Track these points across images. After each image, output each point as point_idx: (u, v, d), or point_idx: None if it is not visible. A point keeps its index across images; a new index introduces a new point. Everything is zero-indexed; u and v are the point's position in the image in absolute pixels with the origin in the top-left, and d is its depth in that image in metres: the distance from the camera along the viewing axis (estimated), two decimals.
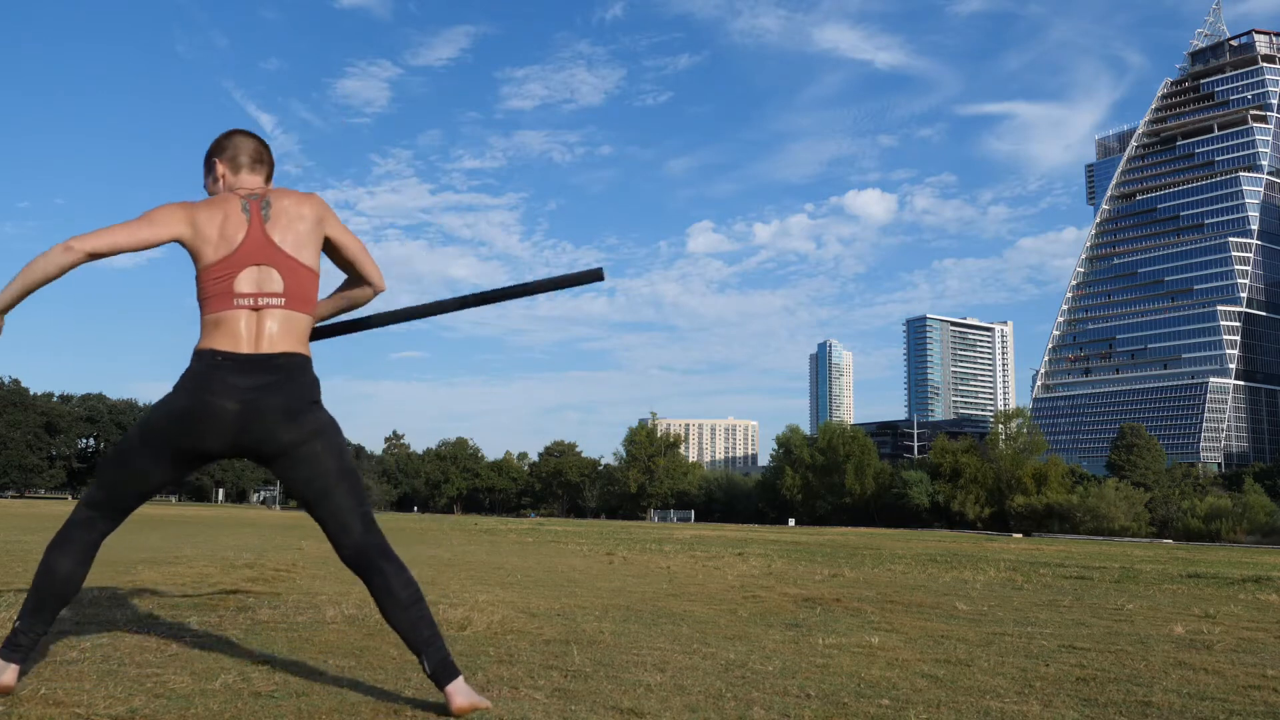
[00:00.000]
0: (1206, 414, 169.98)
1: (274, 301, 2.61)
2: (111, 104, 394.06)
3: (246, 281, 2.60)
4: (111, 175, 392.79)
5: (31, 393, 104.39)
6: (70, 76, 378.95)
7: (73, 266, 2.52)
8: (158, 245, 2.60)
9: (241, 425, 2.54)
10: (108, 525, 2.69)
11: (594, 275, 3.13)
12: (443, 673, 2.62)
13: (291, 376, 2.60)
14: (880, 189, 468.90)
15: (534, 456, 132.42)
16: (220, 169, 2.82)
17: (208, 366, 2.54)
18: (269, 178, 2.89)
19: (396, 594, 2.64)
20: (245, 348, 2.56)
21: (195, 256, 2.62)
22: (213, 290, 2.59)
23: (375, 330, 3.17)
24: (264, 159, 2.86)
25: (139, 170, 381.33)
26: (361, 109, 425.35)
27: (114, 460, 2.68)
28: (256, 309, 2.59)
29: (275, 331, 2.60)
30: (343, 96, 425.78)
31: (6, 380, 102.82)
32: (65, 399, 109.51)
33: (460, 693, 2.60)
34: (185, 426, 2.55)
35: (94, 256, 2.53)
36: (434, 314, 3.13)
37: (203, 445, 2.57)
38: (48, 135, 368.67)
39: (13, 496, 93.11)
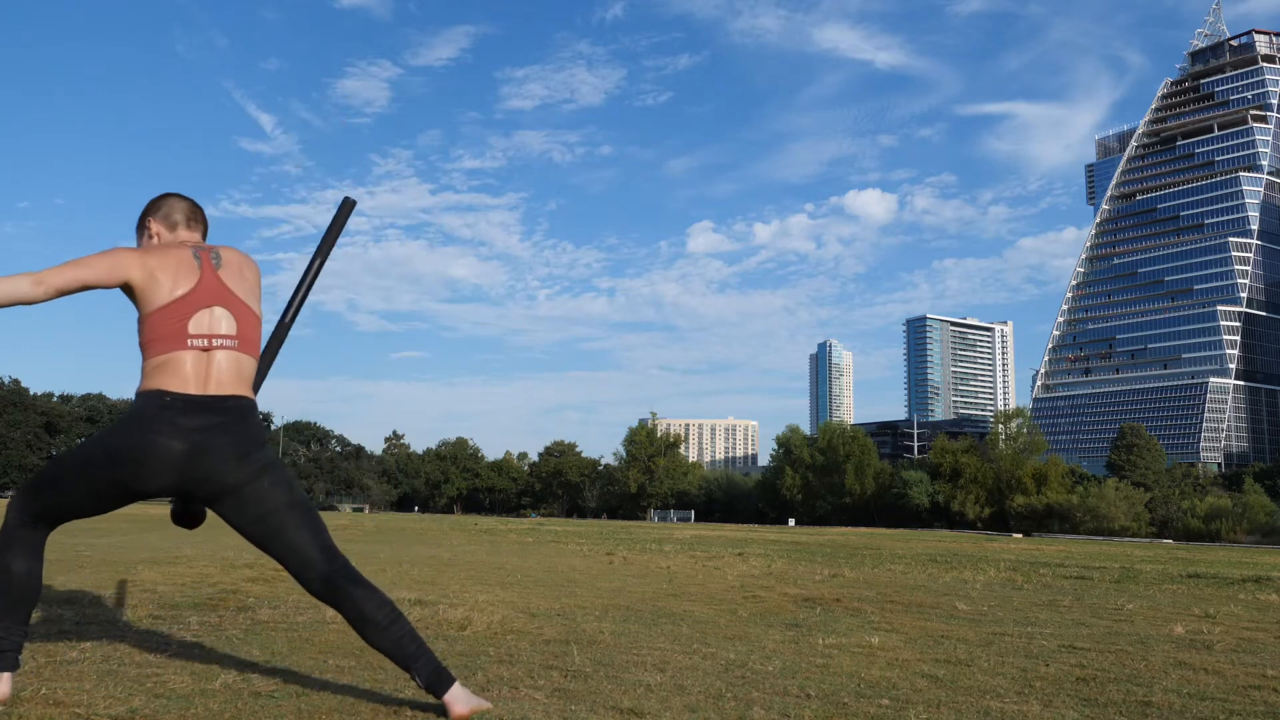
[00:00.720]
0: (1206, 414, 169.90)
1: (226, 343, 2.62)
2: (111, 104, 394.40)
3: (200, 323, 2.60)
4: (111, 175, 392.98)
5: (31, 393, 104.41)
6: (70, 76, 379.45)
7: (39, 301, 2.48)
8: (114, 285, 2.57)
9: (187, 465, 2.51)
10: (45, 529, 2.66)
11: (347, 208, 3.11)
12: (437, 683, 2.61)
13: (240, 419, 2.60)
14: (880, 189, 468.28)
15: (534, 456, 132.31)
16: (155, 227, 2.82)
17: (156, 406, 2.51)
18: (204, 237, 2.89)
19: (372, 617, 2.62)
20: (194, 389, 2.54)
21: (145, 300, 2.59)
22: (164, 331, 2.57)
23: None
24: (199, 218, 2.88)
25: (139, 170, 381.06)
26: (361, 109, 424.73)
27: (46, 482, 2.63)
28: (208, 350, 2.59)
29: (225, 373, 2.59)
30: (343, 96, 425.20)
31: (6, 380, 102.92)
32: (65, 399, 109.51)
33: (459, 700, 2.60)
34: (127, 466, 2.51)
35: (62, 293, 2.51)
36: (279, 347, 3.02)
37: (142, 485, 2.53)
38: (48, 135, 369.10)
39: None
